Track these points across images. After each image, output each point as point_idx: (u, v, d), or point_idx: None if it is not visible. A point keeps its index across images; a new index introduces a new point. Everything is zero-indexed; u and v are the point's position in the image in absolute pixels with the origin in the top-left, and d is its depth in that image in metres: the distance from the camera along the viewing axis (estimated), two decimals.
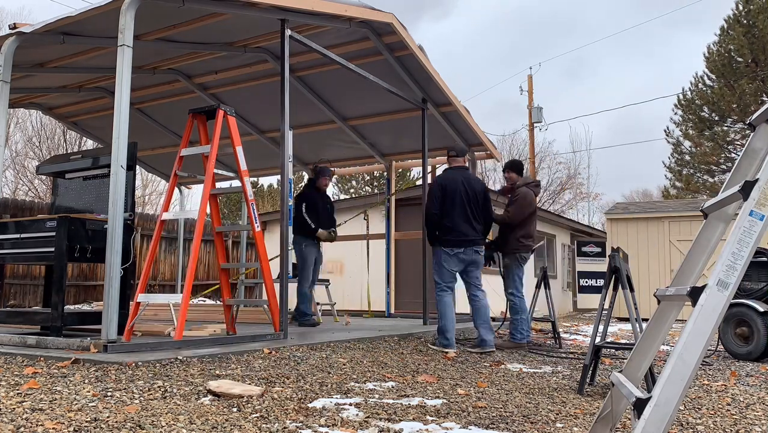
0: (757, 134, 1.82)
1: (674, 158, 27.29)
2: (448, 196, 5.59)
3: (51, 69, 7.04)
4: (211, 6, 5.33)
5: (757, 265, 6.27)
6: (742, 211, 1.58)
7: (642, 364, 1.97)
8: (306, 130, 9.20)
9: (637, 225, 13.60)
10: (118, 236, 4.21)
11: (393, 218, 10.22)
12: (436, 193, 5.64)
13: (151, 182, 24.29)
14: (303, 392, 3.21)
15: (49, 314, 4.75)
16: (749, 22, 23.73)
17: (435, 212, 5.60)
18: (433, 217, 5.63)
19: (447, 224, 5.57)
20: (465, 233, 5.59)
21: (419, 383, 3.75)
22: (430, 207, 5.66)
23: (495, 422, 2.78)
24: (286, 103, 5.45)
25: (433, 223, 5.66)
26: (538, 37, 64.58)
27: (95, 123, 9.52)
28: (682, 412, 3.17)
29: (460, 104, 8.36)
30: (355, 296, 12.21)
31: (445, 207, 5.58)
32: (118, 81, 4.33)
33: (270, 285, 5.24)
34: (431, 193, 5.71)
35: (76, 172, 5.54)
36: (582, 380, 3.76)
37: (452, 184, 5.64)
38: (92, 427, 2.36)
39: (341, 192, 32.90)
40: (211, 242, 12.64)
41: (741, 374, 4.84)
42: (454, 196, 5.59)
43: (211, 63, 7.46)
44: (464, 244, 5.60)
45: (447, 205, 5.58)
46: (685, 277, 1.89)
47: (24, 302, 10.70)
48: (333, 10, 5.88)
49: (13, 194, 20.35)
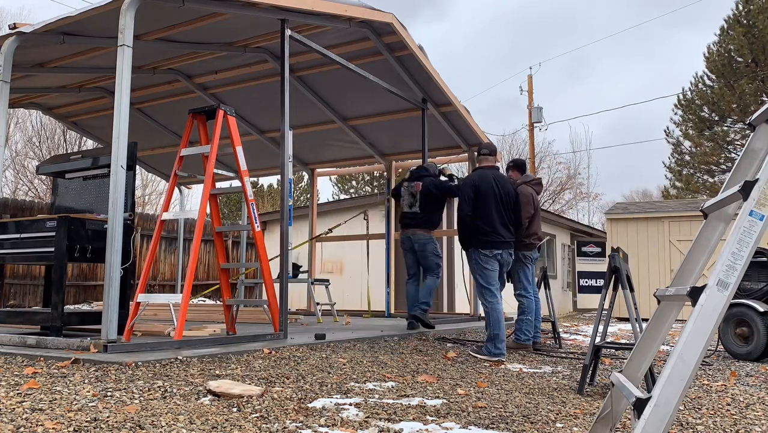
0: (757, 134, 1.82)
1: (674, 158, 27.30)
2: (482, 196, 5.32)
3: (51, 69, 7.04)
4: (211, 6, 5.34)
5: (757, 265, 6.27)
6: (742, 212, 1.58)
7: (642, 364, 1.97)
8: (306, 130, 9.21)
9: (637, 225, 13.61)
10: (118, 235, 4.21)
11: (393, 218, 10.22)
12: (468, 194, 5.34)
13: (151, 182, 24.29)
14: (303, 392, 3.21)
15: (49, 314, 4.75)
16: (749, 22, 23.73)
17: (468, 213, 5.31)
18: (466, 218, 5.31)
19: (484, 225, 5.28)
20: (502, 234, 5.34)
21: (419, 383, 3.75)
22: (463, 208, 5.35)
23: (495, 422, 2.79)
24: (286, 103, 5.45)
25: (466, 224, 5.32)
26: (538, 37, 64.62)
27: (95, 123, 9.53)
28: (682, 412, 3.17)
29: (460, 104, 8.36)
30: (355, 296, 12.21)
31: (479, 208, 5.30)
32: (118, 81, 4.33)
33: (270, 285, 5.24)
34: (462, 193, 5.42)
35: (76, 172, 5.54)
36: (582, 380, 3.76)
37: (485, 183, 5.36)
38: (92, 427, 2.36)
39: (341, 192, 32.91)
40: (211, 242, 12.65)
41: (741, 374, 4.84)
42: (487, 196, 5.32)
43: (211, 63, 7.46)
44: (502, 246, 5.35)
45: (481, 206, 5.30)
46: (685, 277, 1.89)
47: (24, 302, 10.70)
48: (333, 10, 5.88)
49: (13, 194, 20.35)
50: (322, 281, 9.07)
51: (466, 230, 5.36)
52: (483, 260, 5.30)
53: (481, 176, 5.45)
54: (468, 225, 5.33)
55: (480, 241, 5.30)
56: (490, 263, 5.30)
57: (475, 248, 5.34)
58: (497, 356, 5.04)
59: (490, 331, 5.17)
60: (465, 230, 5.37)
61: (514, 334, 6.02)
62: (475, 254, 5.35)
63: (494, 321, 5.17)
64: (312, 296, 9.17)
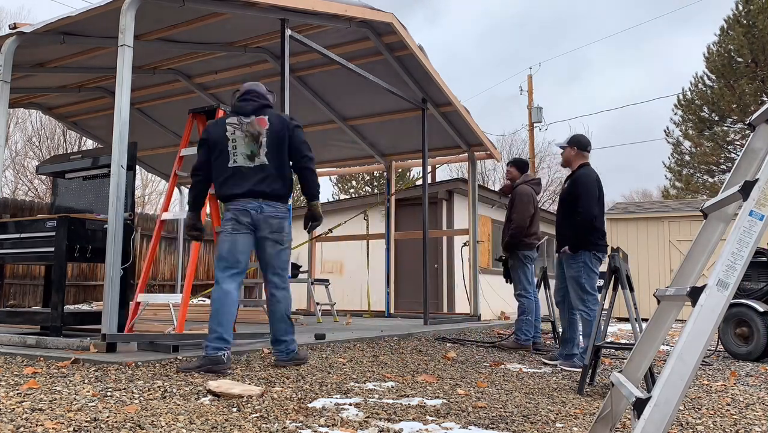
0: (757, 134, 1.82)
1: (674, 158, 27.31)
2: (601, 197, 4.94)
3: (51, 69, 7.04)
4: (211, 6, 5.34)
5: (757, 265, 6.27)
6: (742, 212, 1.58)
7: (642, 364, 1.97)
8: (306, 130, 9.18)
9: (637, 225, 13.61)
10: (118, 235, 4.21)
11: (393, 217, 10.22)
12: (594, 192, 4.87)
13: (151, 182, 24.29)
14: (303, 392, 3.21)
15: (48, 314, 4.75)
16: (749, 22, 23.73)
17: (596, 215, 4.86)
18: (590, 217, 4.84)
19: (601, 227, 4.92)
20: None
21: (419, 383, 3.75)
22: (591, 208, 4.84)
23: (495, 422, 2.78)
24: (286, 103, 5.45)
25: (588, 224, 4.85)
26: (538, 37, 64.63)
27: (95, 123, 9.53)
28: (682, 412, 3.17)
29: (459, 104, 8.36)
30: (355, 296, 12.21)
31: (598, 209, 4.92)
32: (119, 81, 4.33)
33: None
34: (589, 192, 4.87)
35: (76, 172, 5.54)
36: (582, 380, 3.76)
37: (599, 183, 4.95)
38: (92, 427, 2.36)
39: (341, 192, 32.90)
40: (211, 242, 12.64)
41: (741, 374, 4.84)
42: (601, 196, 4.95)
43: (211, 63, 7.46)
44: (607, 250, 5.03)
45: (600, 207, 4.95)
46: (685, 277, 1.89)
47: (24, 302, 10.70)
48: (333, 9, 5.89)
49: (12, 194, 20.35)
50: (322, 281, 9.08)
51: (587, 231, 4.87)
52: (593, 264, 4.88)
53: (593, 175, 4.99)
54: (590, 226, 4.86)
55: (595, 244, 4.88)
56: (597, 268, 4.93)
57: (588, 251, 4.86)
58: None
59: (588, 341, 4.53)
60: (586, 230, 4.87)
61: (514, 334, 6.02)
62: (587, 257, 4.86)
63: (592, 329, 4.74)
64: (312, 296, 9.18)
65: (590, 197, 4.85)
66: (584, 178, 4.94)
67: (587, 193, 4.86)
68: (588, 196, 4.86)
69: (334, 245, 12.13)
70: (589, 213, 4.83)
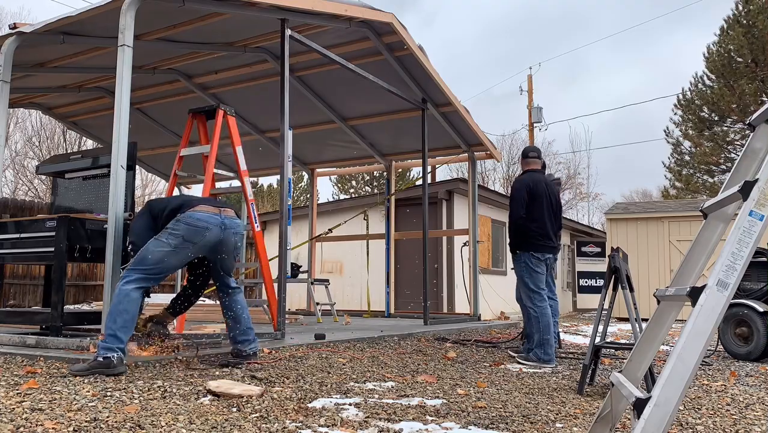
0: (757, 134, 1.82)
1: (674, 158, 27.31)
2: (537, 199, 5.25)
3: (51, 69, 7.04)
4: (211, 6, 5.34)
5: (757, 265, 6.26)
6: (742, 212, 1.58)
7: (642, 364, 1.97)
8: (306, 130, 9.21)
9: (636, 225, 13.61)
10: (118, 235, 4.21)
11: (393, 218, 10.22)
12: (522, 196, 5.24)
13: (151, 182, 24.30)
14: (303, 392, 3.21)
15: (48, 314, 4.74)
16: (749, 22, 23.72)
17: (522, 215, 5.22)
18: (519, 220, 5.23)
19: (537, 229, 5.22)
20: (552, 239, 5.31)
21: (419, 383, 3.75)
22: (517, 210, 5.24)
23: (495, 422, 2.79)
24: (286, 103, 5.45)
25: (519, 227, 5.24)
26: (538, 37, 64.61)
27: (95, 123, 9.53)
28: (682, 412, 3.17)
29: (459, 104, 8.36)
30: (355, 296, 12.22)
31: (533, 211, 5.23)
32: (118, 81, 4.33)
33: (270, 285, 5.24)
34: (516, 196, 5.28)
35: (76, 172, 5.54)
36: (582, 380, 3.76)
37: (538, 187, 5.29)
38: (92, 427, 2.36)
39: (341, 192, 32.91)
40: None
41: (741, 374, 4.84)
42: (541, 199, 5.27)
43: (211, 63, 7.46)
44: (553, 250, 5.34)
45: (535, 210, 5.24)
46: (685, 277, 1.88)
47: (24, 301, 10.70)
48: (333, 9, 5.88)
49: (12, 194, 20.35)
50: (321, 281, 9.08)
51: (519, 233, 5.26)
52: (534, 264, 5.20)
53: (534, 179, 5.35)
54: (521, 228, 5.24)
55: (533, 244, 5.22)
56: (540, 267, 5.23)
57: (527, 251, 5.23)
58: (547, 362, 4.88)
59: (539, 336, 4.98)
60: (518, 232, 5.27)
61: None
62: (526, 257, 5.24)
63: (544, 326, 5.02)
64: (312, 296, 9.18)
65: (516, 201, 5.27)
66: (515, 184, 5.43)
67: (513, 198, 5.32)
68: (513, 201, 5.30)
69: (334, 245, 12.13)
70: (515, 216, 5.27)
